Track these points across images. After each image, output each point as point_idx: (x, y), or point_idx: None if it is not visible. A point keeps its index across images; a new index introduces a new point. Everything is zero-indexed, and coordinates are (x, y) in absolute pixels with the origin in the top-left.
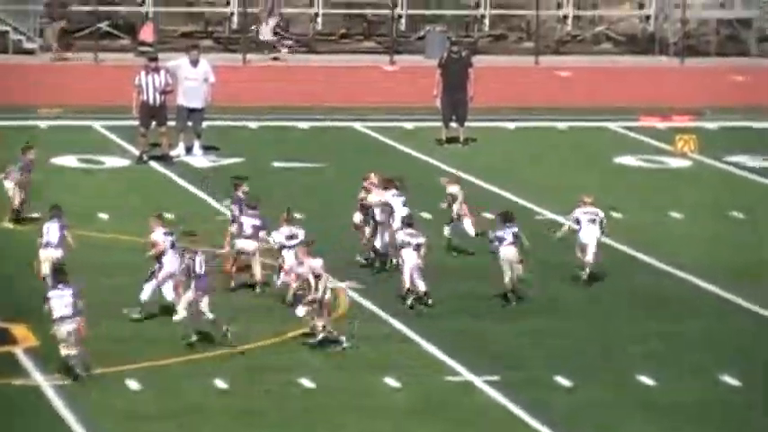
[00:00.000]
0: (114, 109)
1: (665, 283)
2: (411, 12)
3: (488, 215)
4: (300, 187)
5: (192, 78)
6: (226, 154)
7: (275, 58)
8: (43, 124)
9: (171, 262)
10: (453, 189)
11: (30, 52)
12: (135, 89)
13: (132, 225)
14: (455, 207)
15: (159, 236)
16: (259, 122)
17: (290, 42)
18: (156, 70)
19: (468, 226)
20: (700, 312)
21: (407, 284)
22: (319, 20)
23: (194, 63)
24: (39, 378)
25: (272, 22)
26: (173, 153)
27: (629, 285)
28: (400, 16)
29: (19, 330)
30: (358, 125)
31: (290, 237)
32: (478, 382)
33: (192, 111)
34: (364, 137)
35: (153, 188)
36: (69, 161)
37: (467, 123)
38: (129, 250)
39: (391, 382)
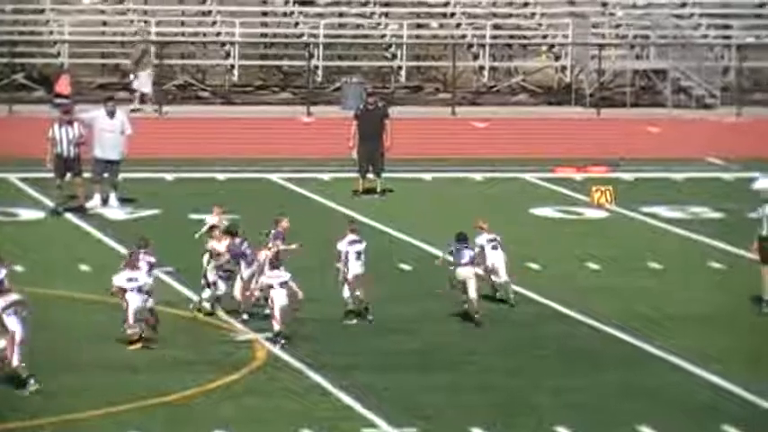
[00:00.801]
0: (29, 161)
1: (581, 334)
2: (327, 63)
3: (405, 266)
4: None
5: (108, 130)
6: (142, 206)
7: (156, 110)
8: None
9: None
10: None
11: None
12: (48, 141)
13: (47, 278)
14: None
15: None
16: (175, 174)
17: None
18: (70, 123)
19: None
20: (616, 363)
21: (278, 326)
22: (235, 71)
23: (111, 114)
24: None
25: (147, 73)
26: (88, 204)
27: (545, 335)
28: (317, 67)
29: None
30: (274, 176)
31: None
32: None
33: (108, 162)
34: (281, 188)
35: (68, 240)
36: None
37: (384, 174)
38: (42, 303)
39: None
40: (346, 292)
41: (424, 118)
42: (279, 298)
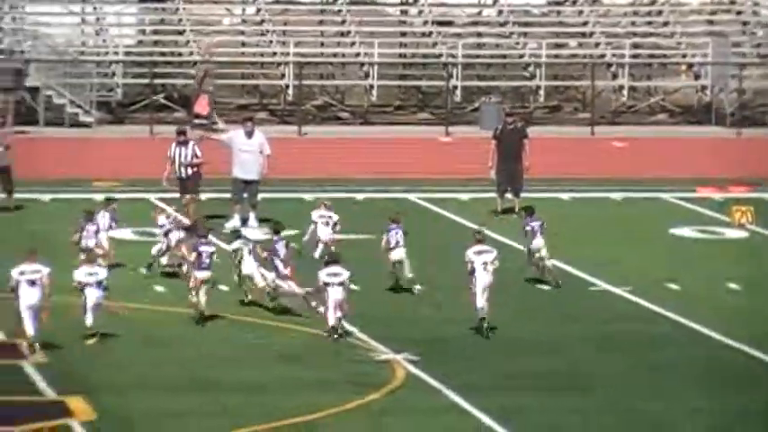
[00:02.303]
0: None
1: (722, 355)
2: (466, 83)
3: (543, 287)
4: (353, 259)
5: (247, 150)
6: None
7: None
8: (99, 197)
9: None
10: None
11: (86, 125)
12: (168, 161)
13: (184, 297)
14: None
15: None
16: (315, 194)
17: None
18: (185, 143)
19: None
20: (760, 386)
21: (331, 321)
22: (374, 92)
23: (249, 135)
24: None
25: (207, 94)
26: (228, 225)
27: (684, 357)
28: (455, 87)
29: (76, 403)
30: (413, 196)
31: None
32: None
33: (247, 183)
34: (419, 208)
35: None
36: (125, 234)
37: (522, 194)
38: (183, 323)
39: None
40: (479, 302)
41: (562, 137)
42: (334, 294)
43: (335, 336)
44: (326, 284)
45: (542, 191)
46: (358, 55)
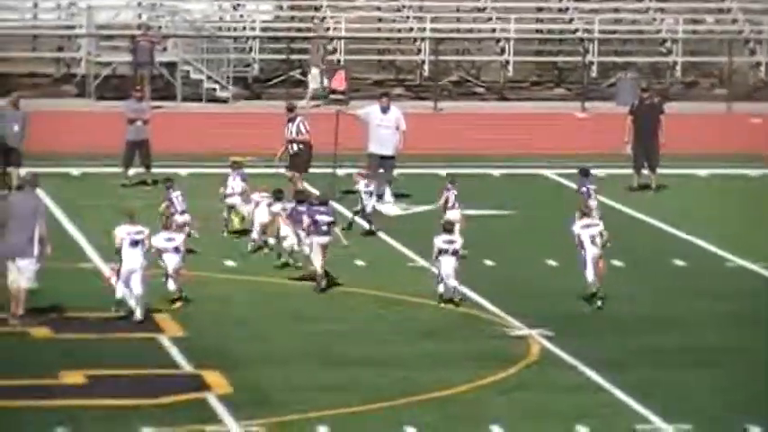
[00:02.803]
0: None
1: None
2: (602, 59)
3: (679, 263)
4: (490, 235)
5: (383, 126)
6: (417, 201)
7: (317, 106)
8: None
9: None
10: None
11: (223, 100)
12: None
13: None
14: None
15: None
16: (450, 170)
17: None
18: (293, 119)
19: None
20: None
21: (441, 289)
22: (510, 67)
23: (384, 110)
24: (232, 424)
25: (318, 69)
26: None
27: None
28: (591, 63)
29: (212, 377)
30: (549, 172)
31: None
32: (671, 431)
33: (383, 158)
34: (555, 184)
35: (344, 235)
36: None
37: (658, 170)
38: (321, 297)
39: (583, 431)
40: (589, 276)
41: (699, 114)
42: (447, 262)
43: (443, 304)
44: (441, 251)
45: (678, 167)
46: (494, 30)
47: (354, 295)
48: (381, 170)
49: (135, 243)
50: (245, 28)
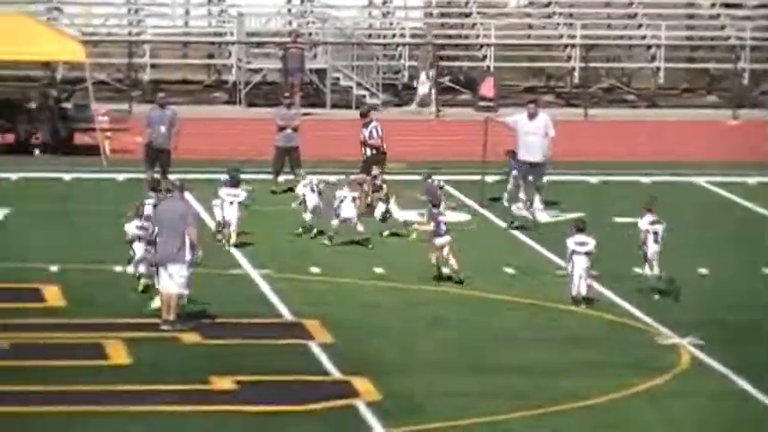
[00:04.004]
0: (455, 164)
1: None
2: (754, 66)
3: None
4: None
5: (531, 132)
6: (566, 208)
7: (430, 112)
8: (387, 178)
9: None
10: None
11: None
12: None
13: (471, 278)
14: None
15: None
16: (600, 177)
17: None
18: (366, 125)
19: None
20: None
21: (574, 291)
22: (661, 74)
23: (532, 117)
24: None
25: (425, 76)
26: (514, 207)
27: None
28: (743, 70)
29: (361, 383)
30: (701, 180)
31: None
32: None
33: (532, 165)
34: (706, 192)
35: (493, 242)
36: (410, 215)
37: None
38: (468, 305)
39: None
40: (647, 270)
41: None
42: (579, 263)
43: (578, 305)
44: (573, 252)
45: None
46: (645, 37)
47: (502, 302)
48: (530, 177)
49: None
50: (394, 35)
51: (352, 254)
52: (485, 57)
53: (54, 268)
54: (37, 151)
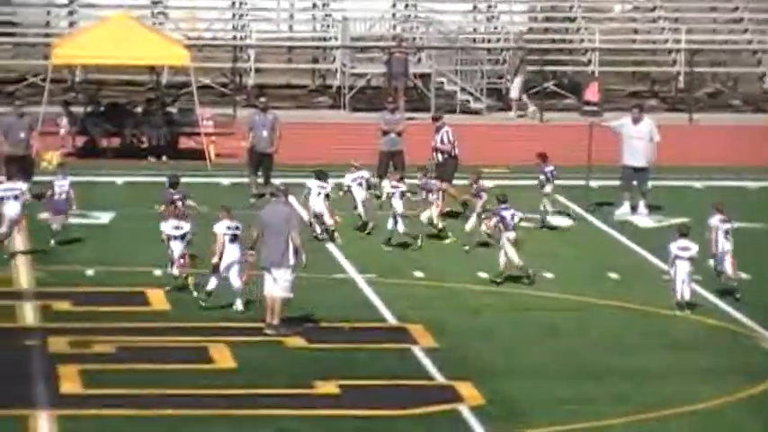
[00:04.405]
0: (559, 168)
1: None
2: None
3: None
4: (745, 247)
5: (636, 137)
6: (671, 213)
7: (521, 116)
8: (490, 183)
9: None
10: None
11: (476, 112)
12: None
13: (575, 284)
14: None
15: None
16: (705, 182)
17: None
18: (438, 129)
19: None
20: None
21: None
22: (767, 79)
23: (636, 121)
24: None
25: (519, 80)
26: (618, 212)
27: None
28: None
29: (465, 388)
30: None
31: None
32: None
33: (636, 170)
34: None
35: (597, 247)
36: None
37: None
38: (572, 310)
39: None
40: (728, 269)
41: None
42: (682, 267)
43: (682, 310)
44: (677, 257)
45: None
46: (750, 42)
47: (606, 307)
48: (635, 182)
49: (234, 238)
50: (498, 39)
51: (455, 258)
52: (589, 61)
53: (158, 272)
54: (151, 157)
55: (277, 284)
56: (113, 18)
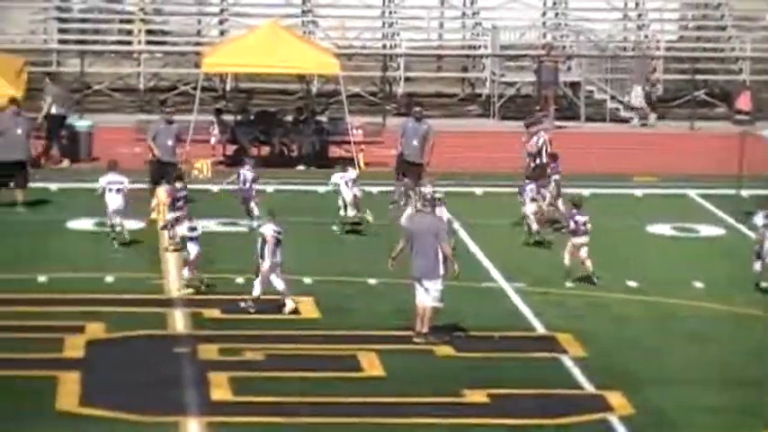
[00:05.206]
0: (710, 177)
1: None
2: None
3: None
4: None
5: None
6: None
7: (644, 125)
8: (638, 192)
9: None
10: None
11: (626, 121)
12: None
13: (725, 293)
14: None
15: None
16: None
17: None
18: (533, 134)
19: None
20: None
21: None
22: None
23: None
24: None
25: (640, 88)
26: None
27: None
28: None
29: (614, 397)
30: None
31: None
32: None
33: None
34: None
35: (745, 255)
36: (663, 229)
37: None
38: (719, 319)
39: None
40: (757, 267)
41: None
42: None
43: None
44: None
45: None
46: None
47: (755, 317)
48: None
49: (278, 242)
50: (648, 48)
51: (604, 267)
52: (740, 70)
53: (308, 280)
54: (300, 166)
55: (428, 294)
56: (264, 27)
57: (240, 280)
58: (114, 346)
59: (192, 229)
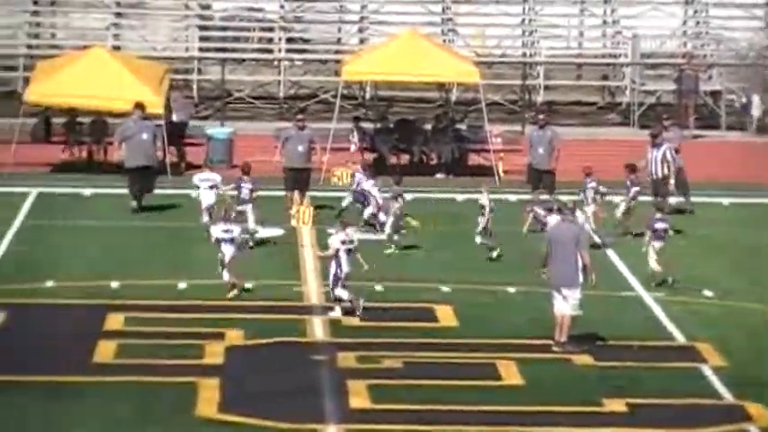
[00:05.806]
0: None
1: None
2: None
3: None
4: None
5: None
6: None
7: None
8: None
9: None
10: None
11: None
12: None
13: None
14: None
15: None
16: None
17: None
18: (658, 146)
19: None
20: None
21: None
22: None
23: None
24: None
25: (758, 97)
26: None
27: None
28: None
29: (754, 408)
30: None
31: None
32: None
33: None
34: None
35: None
36: None
37: None
38: None
39: None
40: None
41: None
42: None
43: None
44: None
45: None
46: None
47: None
48: None
49: (350, 251)
50: None
51: (742, 277)
52: None
53: (446, 288)
54: (439, 174)
55: (566, 302)
56: (403, 35)
57: (379, 287)
58: (253, 353)
59: (227, 230)
